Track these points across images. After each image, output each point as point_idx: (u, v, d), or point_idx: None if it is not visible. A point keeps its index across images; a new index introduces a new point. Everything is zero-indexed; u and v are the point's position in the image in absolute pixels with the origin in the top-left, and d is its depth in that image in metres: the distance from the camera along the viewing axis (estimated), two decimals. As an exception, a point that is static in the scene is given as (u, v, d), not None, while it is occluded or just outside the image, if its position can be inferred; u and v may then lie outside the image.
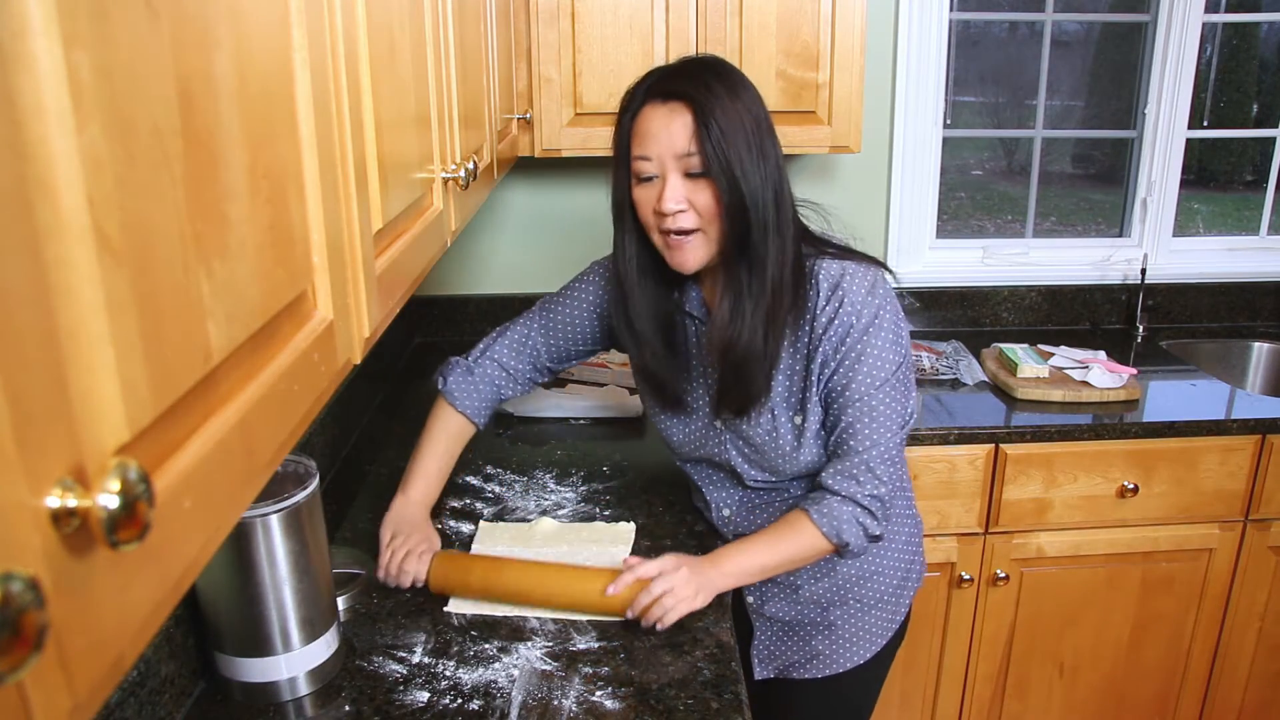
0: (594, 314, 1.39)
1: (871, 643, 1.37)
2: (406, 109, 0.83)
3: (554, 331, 1.40)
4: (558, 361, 1.44)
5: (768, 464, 1.28)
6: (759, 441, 1.26)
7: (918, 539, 1.42)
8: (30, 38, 0.29)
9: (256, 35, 0.49)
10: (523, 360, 1.42)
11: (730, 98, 1.10)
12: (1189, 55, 2.36)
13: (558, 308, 1.40)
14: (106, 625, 0.33)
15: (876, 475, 1.18)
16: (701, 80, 1.11)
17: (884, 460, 1.18)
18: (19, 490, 0.28)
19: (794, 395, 1.23)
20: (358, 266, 0.66)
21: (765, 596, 1.37)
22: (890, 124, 2.34)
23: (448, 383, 1.40)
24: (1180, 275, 2.49)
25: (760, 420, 1.25)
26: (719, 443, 1.31)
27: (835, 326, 1.17)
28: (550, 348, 1.41)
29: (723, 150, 1.09)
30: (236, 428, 0.44)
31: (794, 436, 1.24)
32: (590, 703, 1.04)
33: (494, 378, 1.41)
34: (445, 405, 1.40)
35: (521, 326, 1.42)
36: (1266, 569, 2.02)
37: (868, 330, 1.17)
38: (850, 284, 1.17)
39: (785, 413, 1.24)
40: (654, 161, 1.12)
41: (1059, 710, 2.11)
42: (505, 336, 1.42)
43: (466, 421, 1.41)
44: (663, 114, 1.11)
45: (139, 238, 0.35)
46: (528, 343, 1.41)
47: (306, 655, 1.05)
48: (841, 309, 1.17)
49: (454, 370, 1.41)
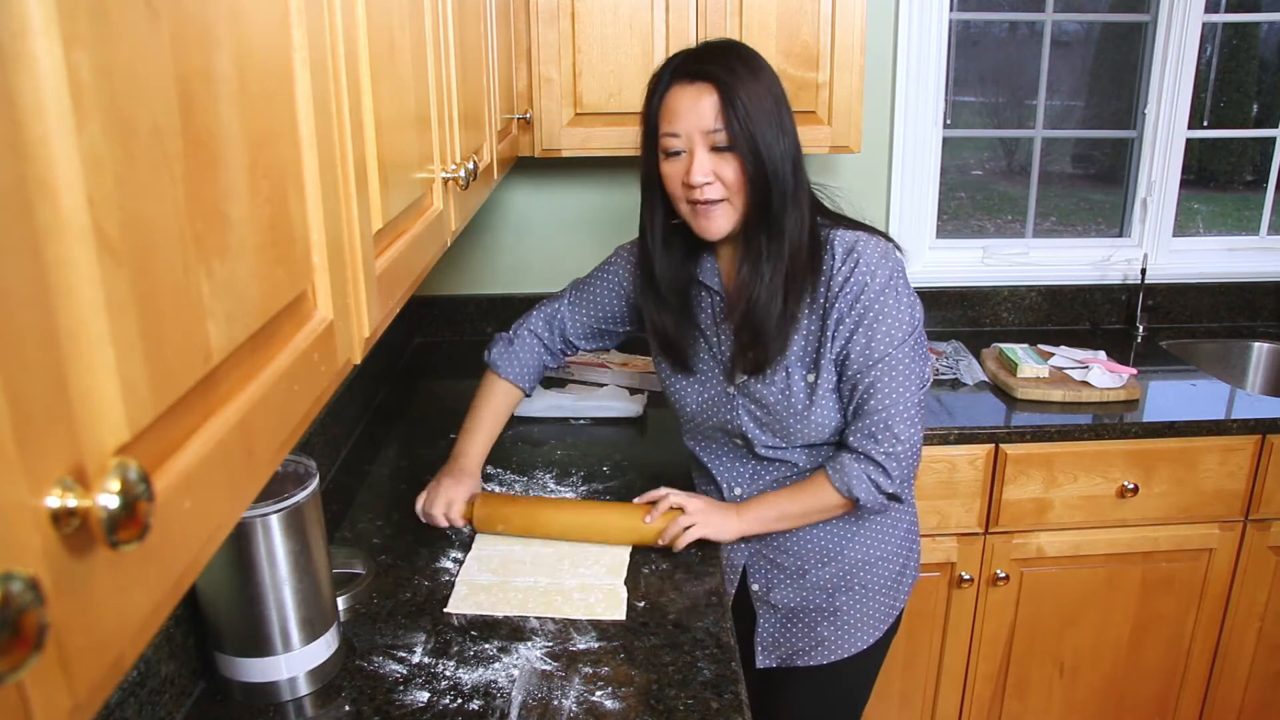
0: (620, 291, 1.48)
1: (873, 629, 1.41)
2: (406, 109, 0.83)
3: (581, 307, 1.51)
4: (583, 338, 1.53)
5: (779, 426, 1.32)
6: (771, 401, 1.31)
7: (916, 530, 1.47)
8: (30, 38, 0.29)
9: (256, 35, 0.49)
10: (553, 333, 1.53)
11: (752, 78, 1.19)
12: (1189, 55, 2.36)
13: (586, 285, 1.51)
14: (106, 625, 0.33)
15: (895, 434, 1.24)
16: (725, 62, 1.19)
17: (903, 419, 1.24)
18: (19, 490, 0.28)
19: (809, 354, 1.29)
20: (358, 266, 0.66)
21: (771, 583, 1.41)
22: (890, 124, 2.34)
23: (491, 354, 1.53)
24: (1180, 275, 2.49)
25: (774, 379, 1.30)
26: (731, 408, 1.36)
27: (850, 284, 1.23)
28: (576, 322, 1.51)
29: (747, 126, 1.17)
30: (236, 428, 0.44)
31: (806, 395, 1.29)
32: (590, 703, 1.04)
33: (532, 346, 1.52)
34: (490, 375, 1.52)
35: (553, 302, 1.54)
36: (1266, 569, 2.02)
37: (884, 291, 1.23)
38: (864, 248, 1.24)
39: (799, 370, 1.29)
40: (682, 137, 1.20)
41: (1059, 710, 2.11)
42: (539, 311, 1.54)
43: (511, 386, 1.52)
44: (690, 93, 1.19)
45: (139, 238, 0.35)
46: (556, 316, 1.52)
47: (306, 655, 1.05)
48: (857, 269, 1.23)
49: (497, 343, 1.53)
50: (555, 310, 1.52)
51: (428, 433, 1.79)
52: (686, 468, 1.55)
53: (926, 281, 2.43)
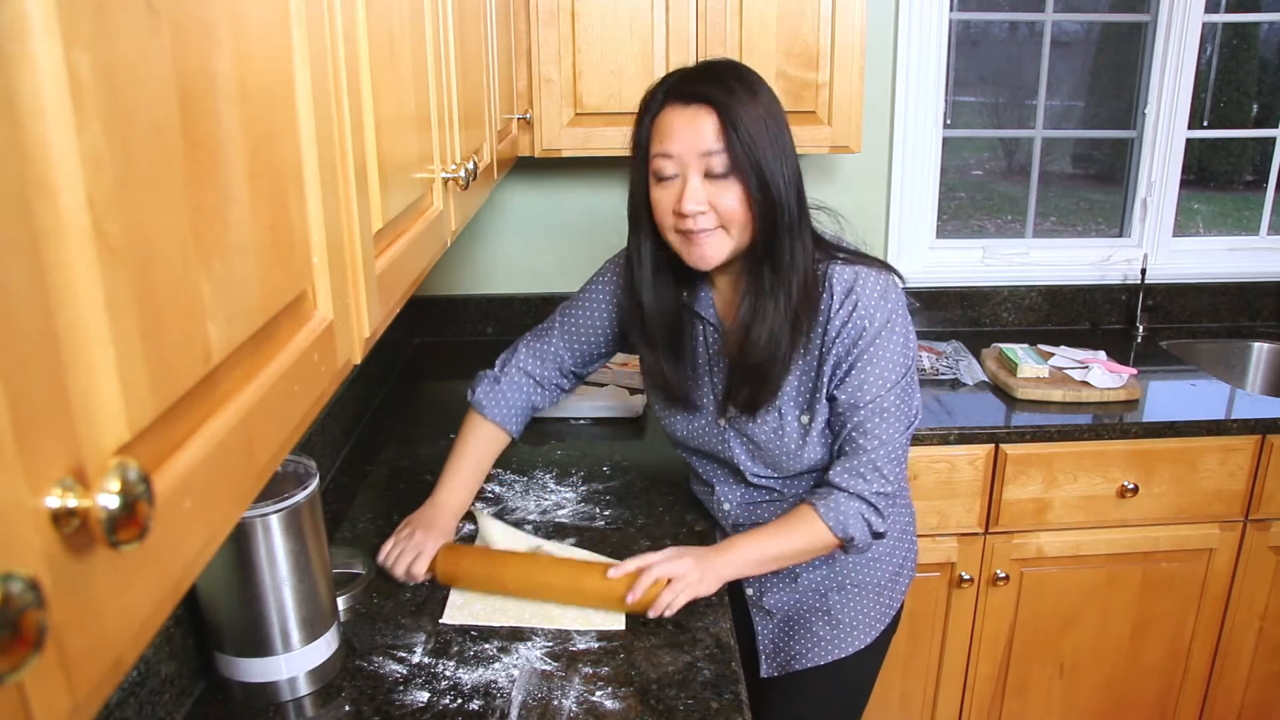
0: (611, 313, 1.40)
1: (869, 629, 1.40)
2: (406, 109, 0.83)
3: (574, 335, 1.42)
4: (582, 365, 1.45)
5: (771, 460, 1.30)
6: (763, 440, 1.28)
7: (912, 529, 1.45)
8: (30, 38, 0.29)
9: (256, 35, 0.49)
10: (548, 368, 1.43)
11: (751, 99, 1.13)
12: (1189, 55, 2.36)
13: (576, 311, 1.42)
14: (106, 625, 0.33)
15: (883, 474, 1.21)
16: (724, 83, 1.13)
17: (890, 460, 1.21)
18: (19, 490, 0.28)
19: (803, 395, 1.25)
20: (358, 267, 0.66)
21: (765, 587, 1.39)
22: (890, 124, 2.34)
23: (475, 394, 1.43)
24: (1180, 275, 2.49)
25: (767, 419, 1.26)
26: (722, 440, 1.32)
27: (848, 329, 1.19)
28: (573, 352, 1.43)
29: (751, 150, 1.11)
30: (236, 428, 0.44)
31: (800, 435, 1.26)
32: (590, 703, 1.04)
33: (521, 385, 1.43)
34: (474, 415, 1.43)
35: (543, 334, 1.44)
36: (1266, 569, 2.02)
37: (880, 335, 1.19)
38: (863, 289, 1.19)
39: (793, 412, 1.26)
40: (675, 160, 1.14)
41: (1059, 710, 2.11)
42: (528, 346, 1.44)
43: (496, 429, 1.42)
44: (686, 115, 1.13)
45: (139, 238, 0.35)
46: (549, 349, 1.43)
47: (306, 655, 1.05)
48: (855, 312, 1.19)
49: (481, 382, 1.44)
50: (546, 344, 1.42)
51: (428, 433, 1.79)
52: (685, 469, 1.55)
53: (926, 281, 2.43)
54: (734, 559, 1.22)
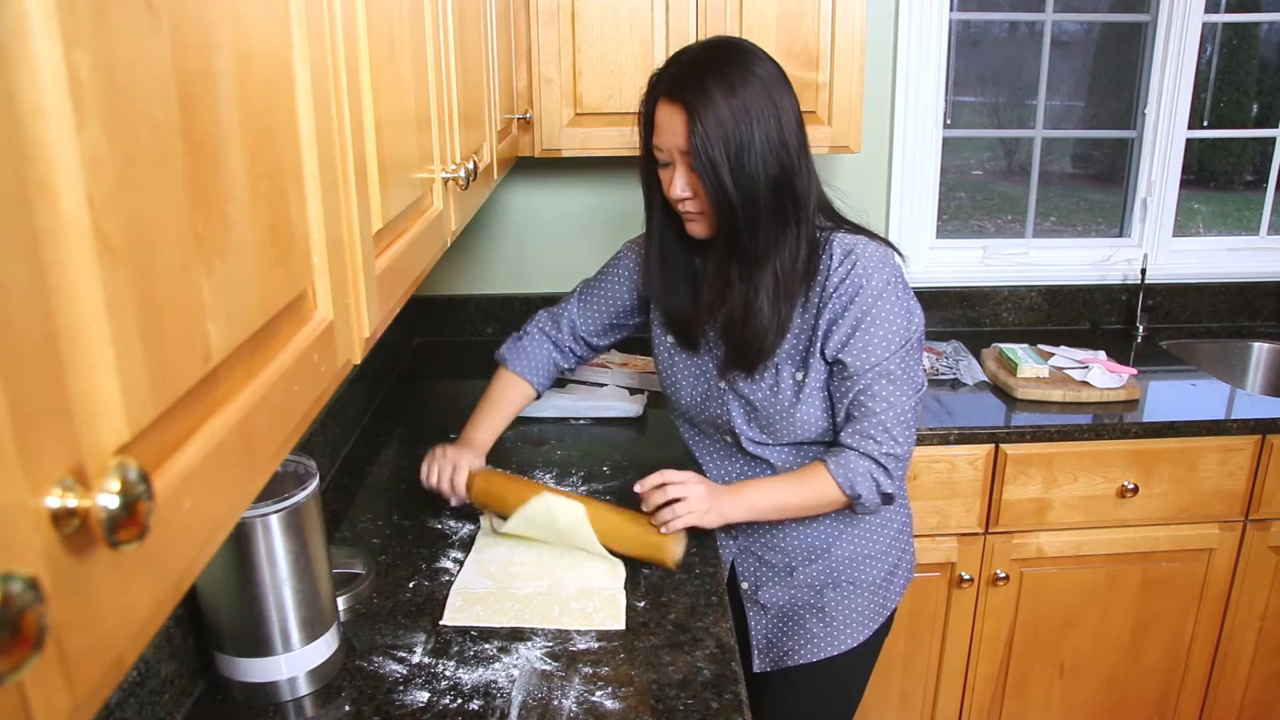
0: (630, 283, 1.48)
1: (863, 627, 1.41)
2: (406, 109, 0.83)
3: (591, 302, 1.51)
4: (595, 334, 1.53)
5: (765, 423, 1.33)
6: (759, 400, 1.32)
7: (909, 530, 1.47)
8: (30, 38, 0.29)
9: (256, 36, 0.49)
10: (562, 330, 1.53)
11: (726, 97, 1.15)
12: (1189, 55, 2.36)
13: (595, 283, 1.52)
14: (106, 625, 0.33)
15: (893, 436, 1.24)
16: (701, 84, 1.17)
17: (899, 422, 1.24)
18: (19, 490, 0.28)
19: (798, 351, 1.29)
20: (358, 266, 0.66)
21: (760, 581, 1.41)
22: (890, 124, 2.34)
23: (500, 351, 1.54)
24: (1180, 275, 2.49)
25: (764, 377, 1.31)
26: (722, 403, 1.37)
27: (846, 285, 1.23)
28: (587, 319, 1.52)
29: (706, 152, 1.16)
30: (236, 428, 0.44)
31: (793, 392, 1.29)
32: (590, 703, 1.04)
33: (541, 343, 1.53)
34: (501, 370, 1.53)
35: (560, 303, 1.55)
36: (1266, 569, 2.02)
37: (881, 294, 1.23)
38: (863, 252, 1.24)
39: (788, 368, 1.30)
40: (665, 152, 1.23)
41: (1059, 710, 2.11)
42: (547, 312, 1.55)
43: (520, 381, 1.51)
44: (666, 113, 1.20)
45: (139, 238, 0.35)
46: (565, 313, 1.53)
47: (306, 655, 1.05)
48: (854, 270, 1.23)
49: (506, 343, 1.55)
50: (563, 309, 1.53)
51: (428, 433, 1.79)
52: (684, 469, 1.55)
53: (926, 281, 2.43)
54: (742, 502, 1.28)
